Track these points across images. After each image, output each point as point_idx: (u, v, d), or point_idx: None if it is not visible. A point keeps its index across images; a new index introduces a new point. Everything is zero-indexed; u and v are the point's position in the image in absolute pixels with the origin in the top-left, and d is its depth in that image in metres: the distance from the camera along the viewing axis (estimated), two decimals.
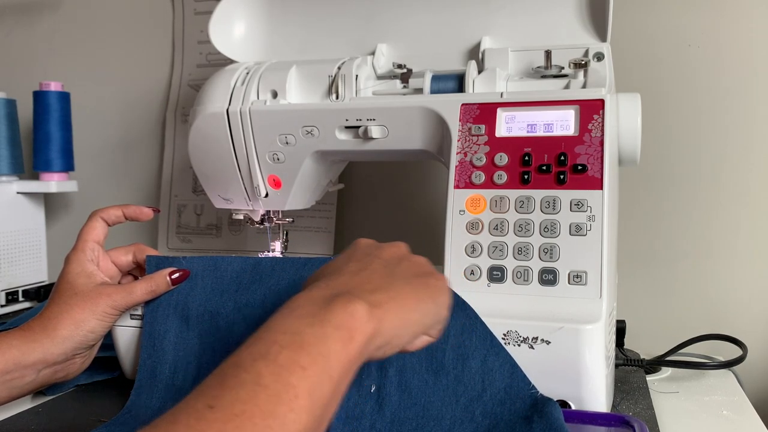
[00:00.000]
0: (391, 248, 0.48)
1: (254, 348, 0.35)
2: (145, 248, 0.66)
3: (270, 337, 0.36)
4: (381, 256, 0.47)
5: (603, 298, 0.57)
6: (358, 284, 0.42)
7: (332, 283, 0.42)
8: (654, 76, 0.90)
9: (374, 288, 0.42)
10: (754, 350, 0.82)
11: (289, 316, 0.38)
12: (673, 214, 0.90)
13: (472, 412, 0.54)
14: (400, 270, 0.46)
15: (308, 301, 0.39)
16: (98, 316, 0.59)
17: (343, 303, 0.39)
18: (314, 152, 0.73)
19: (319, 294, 0.40)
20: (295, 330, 0.36)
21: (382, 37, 0.77)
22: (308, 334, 0.36)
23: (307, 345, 0.36)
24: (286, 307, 0.39)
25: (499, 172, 0.62)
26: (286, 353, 0.35)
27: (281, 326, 0.37)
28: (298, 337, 0.36)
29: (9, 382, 0.56)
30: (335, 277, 0.43)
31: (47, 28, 1.21)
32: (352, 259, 0.46)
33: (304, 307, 0.39)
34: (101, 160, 1.18)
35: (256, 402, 0.32)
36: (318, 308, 0.38)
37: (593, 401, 0.56)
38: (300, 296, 0.40)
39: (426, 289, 0.45)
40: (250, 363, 0.34)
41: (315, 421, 0.34)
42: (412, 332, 0.43)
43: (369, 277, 0.43)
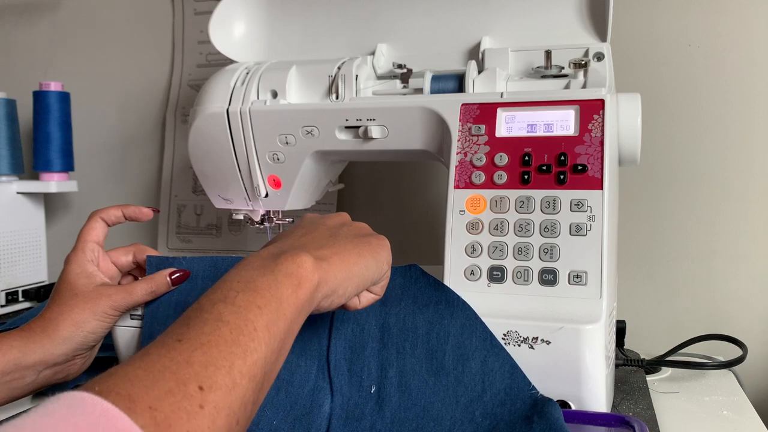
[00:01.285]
0: (335, 217, 0.53)
1: (213, 295, 0.39)
2: (145, 248, 0.65)
3: (227, 285, 0.40)
4: (325, 223, 0.51)
5: (603, 298, 0.57)
6: (304, 243, 0.47)
7: (280, 243, 0.47)
8: (654, 76, 0.90)
9: (319, 245, 0.47)
10: (754, 350, 0.82)
11: (243, 269, 0.42)
12: (673, 214, 0.90)
13: (473, 412, 0.54)
14: (343, 232, 0.50)
15: (259, 258, 0.43)
16: (98, 316, 0.59)
17: (291, 255, 0.43)
18: (314, 152, 0.73)
19: (268, 252, 0.44)
20: (249, 278, 0.40)
21: (382, 37, 0.77)
22: (261, 282, 0.40)
23: (261, 289, 0.40)
24: (240, 263, 0.43)
25: (499, 172, 0.62)
26: (242, 296, 0.39)
27: (236, 276, 0.41)
28: (252, 283, 0.40)
29: (9, 383, 0.55)
30: (283, 240, 0.48)
31: (47, 28, 1.21)
32: (299, 227, 0.51)
33: (256, 261, 0.43)
34: (101, 160, 1.18)
35: (220, 333, 0.36)
36: (269, 261, 0.43)
37: (593, 401, 0.56)
38: (251, 255, 0.45)
39: (367, 246, 0.49)
40: (210, 306, 0.38)
41: (272, 352, 0.38)
42: (356, 284, 0.47)
43: (314, 238, 0.48)
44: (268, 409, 0.56)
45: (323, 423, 0.54)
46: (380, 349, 0.57)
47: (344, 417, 0.55)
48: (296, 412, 0.54)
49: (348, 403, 0.56)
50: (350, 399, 0.56)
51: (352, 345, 0.57)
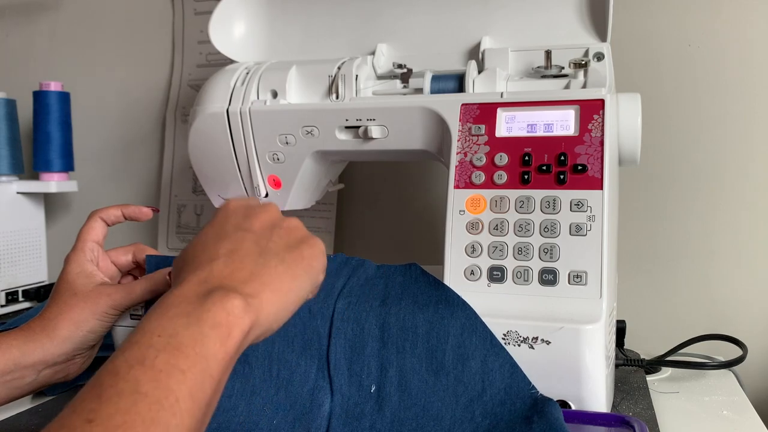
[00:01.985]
0: (262, 215, 0.46)
1: (130, 353, 0.34)
2: (145, 248, 0.65)
3: (145, 340, 0.35)
4: (252, 228, 0.45)
5: (603, 298, 0.57)
6: (231, 272, 0.41)
7: (204, 273, 0.40)
8: (654, 76, 0.90)
9: (248, 275, 0.41)
10: (754, 350, 0.82)
11: (164, 317, 0.37)
12: (673, 214, 0.90)
13: (472, 412, 0.54)
14: (273, 245, 0.44)
15: (182, 300, 0.38)
16: (98, 316, 0.59)
17: (219, 299, 0.38)
18: (314, 152, 0.73)
19: (192, 290, 0.39)
20: (171, 332, 0.35)
21: (382, 37, 0.77)
22: (185, 336, 0.35)
23: (185, 347, 0.35)
24: (160, 306, 0.38)
25: (499, 172, 0.62)
26: (163, 357, 0.34)
27: (156, 328, 0.36)
28: (174, 339, 0.35)
29: (9, 383, 0.55)
30: (206, 264, 0.41)
31: (47, 28, 1.21)
32: (222, 235, 0.44)
33: (178, 306, 0.37)
34: (101, 160, 1.18)
35: (137, 410, 0.31)
36: (193, 307, 0.37)
37: (593, 401, 0.56)
38: (173, 294, 0.39)
39: (300, 263, 0.44)
40: (126, 370, 0.33)
41: (198, 422, 0.34)
42: (291, 310, 0.43)
43: (242, 262, 0.42)
44: (268, 408, 0.56)
45: (323, 422, 0.54)
46: (380, 349, 0.57)
47: (344, 416, 0.55)
48: (296, 411, 0.54)
49: (348, 403, 0.56)
50: (350, 398, 0.56)
51: (352, 344, 0.57)
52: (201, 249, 0.43)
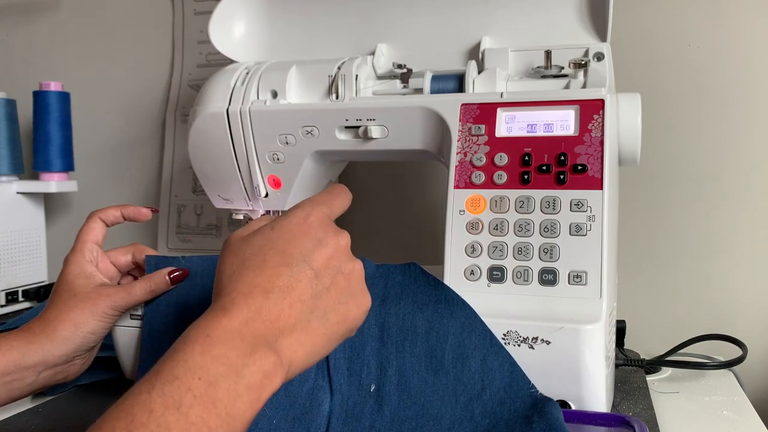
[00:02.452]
0: (332, 249, 0.44)
1: (169, 390, 0.35)
2: (144, 248, 0.65)
3: (186, 380, 0.36)
4: (315, 265, 0.43)
5: (603, 298, 0.57)
6: (278, 316, 0.40)
7: (255, 305, 0.40)
8: (654, 76, 0.90)
9: (290, 327, 0.41)
10: (754, 350, 0.82)
11: (208, 355, 0.37)
12: (673, 215, 0.90)
13: (472, 411, 0.54)
14: (325, 299, 0.43)
15: (228, 339, 0.38)
16: (98, 317, 0.59)
17: (260, 357, 0.38)
18: (314, 152, 0.73)
19: (239, 329, 0.39)
20: (212, 380, 0.36)
21: (382, 37, 0.77)
22: (221, 390, 0.36)
23: (219, 403, 0.35)
24: (205, 331, 0.38)
25: (499, 172, 0.62)
26: (197, 410, 0.35)
27: (198, 368, 0.36)
28: (212, 390, 0.36)
29: (9, 384, 0.55)
30: (260, 295, 0.41)
31: (47, 28, 1.21)
32: (287, 257, 0.43)
33: (223, 345, 0.38)
34: (101, 160, 1.18)
35: None
36: (236, 356, 0.37)
37: (593, 401, 0.56)
38: (221, 323, 0.39)
39: (341, 327, 0.44)
40: (161, 411, 0.34)
41: None
42: (315, 362, 0.43)
43: (291, 307, 0.41)
44: (267, 408, 0.56)
45: (323, 422, 0.54)
46: (380, 348, 0.57)
47: (344, 416, 0.55)
48: (295, 411, 0.54)
49: (347, 402, 0.56)
50: (349, 398, 0.56)
51: (352, 344, 0.57)
52: (261, 261, 0.42)
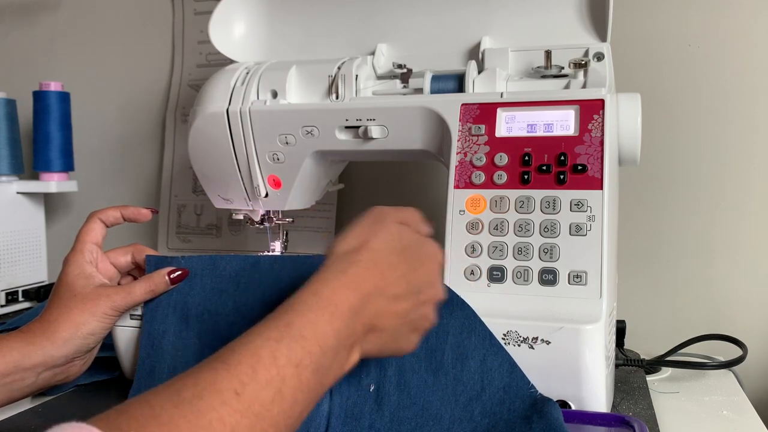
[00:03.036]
0: (435, 293, 0.49)
1: (294, 347, 0.38)
2: (144, 248, 0.65)
3: (310, 343, 0.39)
4: (422, 296, 0.47)
5: (603, 298, 0.57)
6: (379, 319, 0.44)
7: (363, 298, 0.43)
8: (654, 76, 0.89)
9: (381, 331, 0.45)
10: (754, 350, 0.82)
11: (330, 326, 0.40)
12: (673, 214, 0.90)
13: (471, 411, 0.54)
14: (414, 318, 0.47)
15: (348, 317, 0.42)
16: (98, 317, 0.59)
17: (357, 346, 0.43)
18: (314, 152, 0.73)
19: (356, 311, 0.42)
20: (326, 349, 0.40)
21: (382, 37, 0.77)
22: (327, 359, 0.40)
23: (321, 370, 0.40)
24: (333, 304, 0.41)
25: (499, 172, 0.62)
26: (308, 373, 0.39)
27: (323, 334, 0.40)
28: (322, 359, 0.40)
29: (9, 385, 0.55)
30: (378, 293, 0.44)
31: (47, 28, 1.21)
32: (412, 276, 0.47)
33: (343, 321, 0.41)
34: (101, 160, 1.18)
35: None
36: (345, 337, 0.42)
37: (593, 401, 0.56)
38: (348, 298, 0.42)
39: (394, 352, 0.48)
40: (283, 363, 0.38)
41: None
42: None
43: (389, 317, 0.45)
44: None
45: (322, 422, 0.54)
46: None
47: (343, 416, 0.55)
48: None
49: (347, 402, 0.55)
50: (349, 398, 0.56)
51: None
52: (397, 259, 0.46)
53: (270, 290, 0.61)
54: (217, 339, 0.61)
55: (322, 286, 0.43)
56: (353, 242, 0.46)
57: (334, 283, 0.43)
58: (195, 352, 0.62)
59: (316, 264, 0.63)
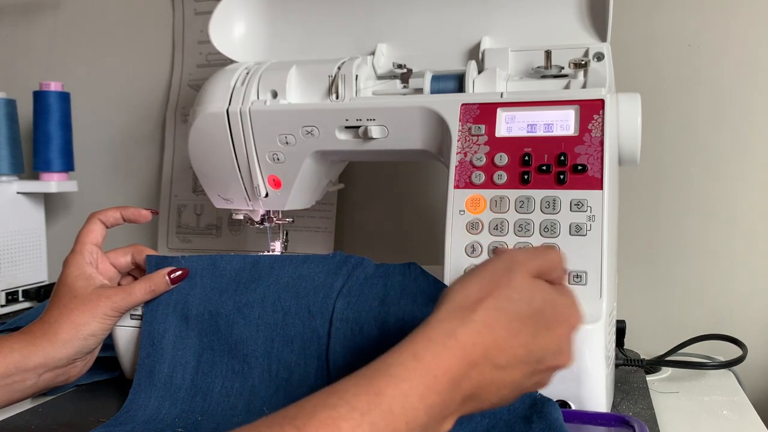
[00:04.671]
0: (559, 330, 0.42)
1: (380, 422, 0.34)
2: (144, 249, 0.65)
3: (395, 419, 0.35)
4: (539, 366, 0.42)
5: (603, 298, 0.57)
6: (482, 390, 0.40)
7: (477, 370, 0.39)
8: (654, 76, 0.89)
9: (482, 407, 0.40)
10: (754, 350, 0.82)
11: (424, 401, 0.36)
12: (673, 214, 0.90)
13: None
14: (526, 386, 0.42)
15: (446, 390, 0.37)
16: (98, 318, 0.59)
17: (446, 424, 0.38)
18: (314, 152, 0.73)
19: (456, 384, 0.38)
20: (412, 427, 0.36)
21: (382, 37, 0.77)
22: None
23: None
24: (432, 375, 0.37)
25: (499, 172, 0.62)
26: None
27: (412, 409, 0.36)
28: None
29: (9, 386, 0.55)
30: (491, 364, 0.39)
31: (47, 28, 1.21)
32: (530, 347, 0.41)
33: (440, 396, 0.37)
34: (101, 160, 1.18)
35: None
36: (439, 411, 0.37)
37: (593, 401, 0.56)
38: (450, 367, 0.37)
39: (518, 395, 0.43)
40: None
41: None
42: None
43: (494, 391, 0.40)
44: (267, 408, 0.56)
45: None
46: (379, 349, 0.57)
47: None
48: None
49: None
50: None
51: (351, 345, 0.57)
52: (519, 327, 0.40)
53: (270, 290, 0.61)
54: (217, 339, 0.61)
55: (424, 348, 0.37)
56: (473, 293, 0.40)
57: (438, 347, 0.37)
58: (195, 352, 0.62)
59: (315, 262, 0.63)
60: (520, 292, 0.41)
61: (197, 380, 0.60)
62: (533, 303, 0.41)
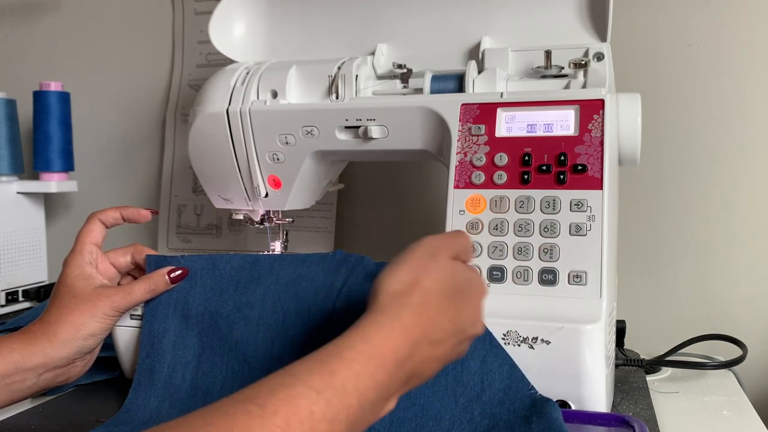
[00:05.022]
0: (476, 331, 0.47)
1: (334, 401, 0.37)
2: (144, 249, 0.65)
3: (350, 397, 0.37)
4: (462, 336, 0.45)
5: (603, 298, 0.57)
6: (419, 370, 0.43)
7: (409, 348, 0.41)
8: (654, 76, 0.89)
9: (419, 377, 0.43)
10: (754, 350, 0.82)
11: (373, 379, 0.39)
12: (672, 214, 0.90)
13: (471, 412, 0.54)
14: (452, 357, 0.46)
15: (393, 368, 0.40)
16: (98, 318, 0.59)
17: (393, 401, 0.41)
18: (314, 152, 0.73)
19: (401, 363, 0.41)
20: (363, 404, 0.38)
21: (382, 37, 0.77)
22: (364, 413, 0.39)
23: (356, 425, 0.38)
24: (381, 355, 0.40)
25: (499, 172, 0.62)
26: (342, 427, 0.37)
27: (364, 389, 0.38)
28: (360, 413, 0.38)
29: (9, 386, 0.55)
30: (426, 340, 0.42)
31: (47, 28, 1.21)
32: (458, 318, 0.45)
33: (388, 374, 0.40)
34: (101, 160, 1.18)
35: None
36: (387, 389, 0.40)
37: (593, 401, 0.56)
38: (396, 348, 0.40)
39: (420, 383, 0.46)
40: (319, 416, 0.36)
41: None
42: None
43: (431, 362, 0.43)
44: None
45: None
46: None
47: None
48: None
49: None
50: None
51: None
52: (447, 302, 0.44)
53: (269, 289, 0.61)
54: (217, 338, 0.61)
55: (373, 332, 0.40)
56: (405, 279, 0.44)
57: (386, 329, 0.41)
58: (195, 352, 0.62)
59: (315, 262, 0.63)
60: (444, 272, 0.45)
61: (197, 380, 0.60)
62: (455, 281, 0.45)
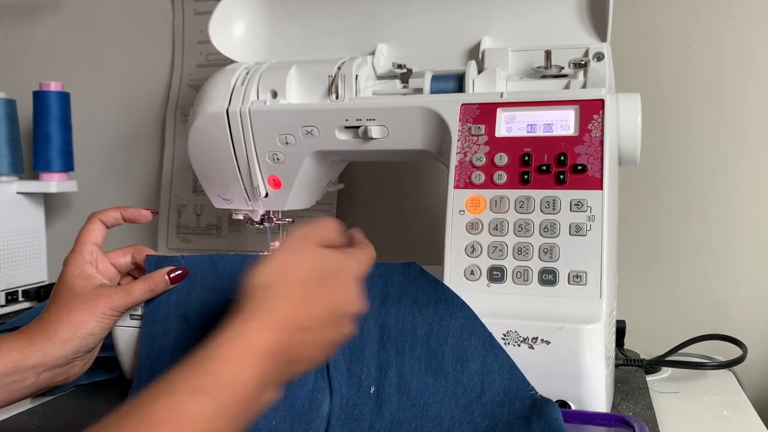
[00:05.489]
0: (349, 284, 0.48)
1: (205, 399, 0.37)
2: (144, 249, 0.65)
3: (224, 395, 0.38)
4: (337, 303, 0.47)
5: (603, 298, 0.57)
6: (300, 353, 0.44)
7: (285, 336, 0.42)
8: (654, 76, 0.89)
9: (303, 368, 0.45)
10: (754, 350, 0.82)
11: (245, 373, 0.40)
12: (672, 214, 0.90)
13: (472, 413, 0.54)
14: (334, 339, 0.47)
15: (267, 357, 0.41)
16: (97, 318, 0.59)
17: (272, 390, 0.42)
18: (314, 152, 0.73)
19: (273, 353, 0.41)
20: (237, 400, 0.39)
21: (382, 37, 0.77)
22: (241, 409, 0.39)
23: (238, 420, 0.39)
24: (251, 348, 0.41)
25: (499, 172, 0.62)
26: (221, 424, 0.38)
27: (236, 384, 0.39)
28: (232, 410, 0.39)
29: (9, 385, 0.55)
30: (299, 328, 0.43)
31: (47, 28, 1.21)
32: (331, 305, 0.46)
33: (262, 364, 0.40)
34: (101, 160, 1.18)
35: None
36: (262, 381, 0.40)
37: (593, 401, 0.56)
38: (266, 338, 0.41)
39: (329, 351, 0.47)
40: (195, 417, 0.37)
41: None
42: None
43: (309, 349, 0.45)
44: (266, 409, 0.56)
45: (322, 423, 0.54)
46: (379, 350, 0.57)
47: (343, 417, 0.55)
48: (295, 412, 0.54)
49: (347, 404, 0.55)
50: (349, 399, 0.56)
51: (351, 345, 0.57)
52: (317, 290, 0.45)
53: None
54: None
55: (242, 327, 0.41)
56: (270, 272, 0.45)
57: (253, 323, 0.42)
58: None
59: None
60: (309, 261, 0.46)
61: None
62: (325, 267, 0.47)
